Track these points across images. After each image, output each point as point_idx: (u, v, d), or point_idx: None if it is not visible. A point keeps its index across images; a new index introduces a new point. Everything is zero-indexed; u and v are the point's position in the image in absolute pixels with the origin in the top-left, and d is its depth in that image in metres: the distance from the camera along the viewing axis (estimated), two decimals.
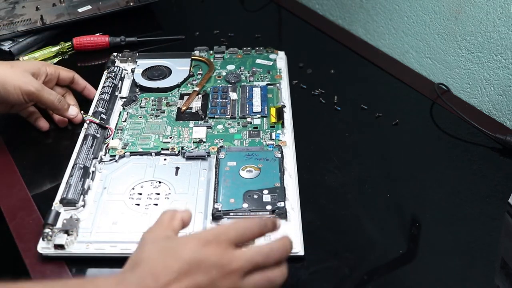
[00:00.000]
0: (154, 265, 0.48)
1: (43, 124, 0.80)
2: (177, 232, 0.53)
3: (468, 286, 0.60)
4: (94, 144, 0.73)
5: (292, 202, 0.66)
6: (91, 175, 0.69)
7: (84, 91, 0.85)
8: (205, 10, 1.14)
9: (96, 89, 0.84)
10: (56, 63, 0.95)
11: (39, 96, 0.75)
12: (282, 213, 0.64)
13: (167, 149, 0.73)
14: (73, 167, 0.69)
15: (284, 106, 0.80)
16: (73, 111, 0.80)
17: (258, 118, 0.79)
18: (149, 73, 0.88)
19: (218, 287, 0.48)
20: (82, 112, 0.79)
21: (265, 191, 0.66)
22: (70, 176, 0.68)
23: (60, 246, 0.61)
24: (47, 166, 0.76)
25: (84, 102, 0.83)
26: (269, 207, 0.64)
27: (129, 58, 0.91)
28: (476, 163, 0.75)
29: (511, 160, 0.75)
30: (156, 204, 0.66)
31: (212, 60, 0.91)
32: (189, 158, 0.72)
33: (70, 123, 0.81)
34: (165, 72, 0.88)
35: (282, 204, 0.65)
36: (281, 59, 0.91)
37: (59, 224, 0.63)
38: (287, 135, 0.76)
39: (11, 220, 0.67)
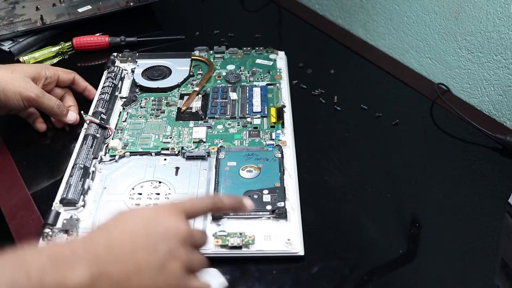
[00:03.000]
0: (108, 227, 0.49)
1: (41, 125, 0.80)
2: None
3: (468, 286, 0.60)
4: (94, 144, 0.73)
5: (292, 202, 0.66)
6: (91, 175, 0.69)
7: (84, 92, 0.85)
8: (205, 10, 1.14)
9: (96, 89, 0.85)
10: (56, 63, 0.95)
11: (38, 102, 0.76)
12: (282, 213, 0.64)
13: (167, 149, 0.73)
14: (73, 167, 0.69)
15: (284, 106, 0.80)
16: (72, 116, 0.80)
17: (258, 118, 0.79)
18: (149, 73, 0.88)
19: (173, 248, 0.48)
20: (82, 112, 0.79)
21: (265, 191, 0.66)
22: (70, 176, 0.68)
23: None
24: (47, 166, 0.76)
25: (84, 102, 0.83)
26: (269, 207, 0.64)
27: (129, 58, 0.91)
28: (476, 163, 0.75)
29: (511, 160, 0.75)
30: (156, 204, 0.66)
31: (212, 60, 0.91)
32: (189, 158, 0.72)
33: (68, 124, 0.81)
34: (165, 72, 0.88)
35: (282, 204, 0.65)
36: (281, 59, 0.91)
37: (59, 224, 0.63)
38: (287, 135, 0.76)
39: (11, 220, 0.67)
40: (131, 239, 0.48)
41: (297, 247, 0.61)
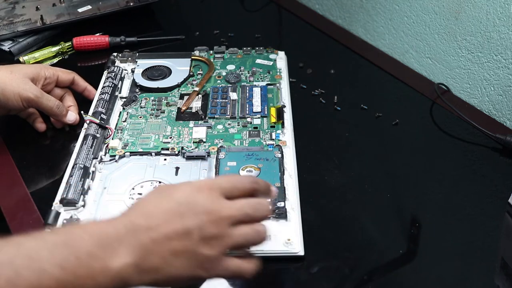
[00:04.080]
0: (146, 205, 0.51)
1: (41, 125, 0.80)
2: None
3: (468, 286, 0.60)
4: (94, 144, 0.73)
5: (292, 202, 0.66)
6: (91, 175, 0.69)
7: (84, 92, 0.85)
8: (205, 10, 1.14)
9: (96, 89, 0.84)
10: (56, 63, 0.95)
11: (38, 102, 0.76)
12: (282, 213, 0.64)
13: (167, 149, 0.73)
14: (73, 167, 0.69)
15: (284, 106, 0.80)
16: (71, 116, 0.80)
17: (258, 118, 0.79)
18: (149, 73, 0.88)
19: (205, 233, 0.50)
20: (82, 112, 0.79)
21: None
22: (70, 176, 0.68)
23: None
24: (47, 166, 0.76)
25: (84, 102, 0.83)
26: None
27: (129, 58, 0.91)
28: (476, 163, 0.75)
29: (511, 160, 0.75)
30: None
31: (212, 60, 0.91)
32: (189, 158, 0.72)
33: (68, 124, 0.81)
34: (165, 72, 0.88)
35: (282, 204, 0.64)
36: (281, 59, 0.91)
37: (59, 224, 0.63)
38: (287, 135, 0.76)
39: (11, 220, 0.67)
40: (168, 224, 0.50)
41: (297, 247, 0.60)
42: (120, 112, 0.81)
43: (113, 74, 0.86)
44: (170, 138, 0.76)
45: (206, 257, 0.50)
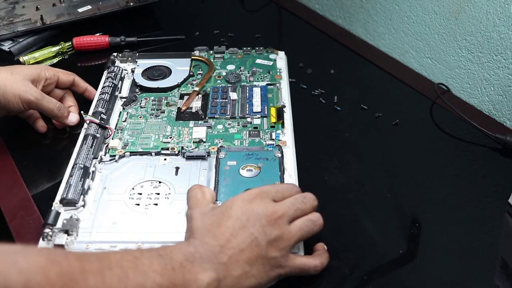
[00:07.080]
0: (209, 229, 0.55)
1: (42, 126, 0.80)
2: (213, 203, 0.61)
3: (468, 286, 0.60)
4: (94, 144, 0.73)
5: None
6: (91, 175, 0.69)
7: (85, 93, 0.85)
8: (205, 10, 1.14)
9: (96, 89, 0.84)
10: (56, 63, 0.95)
11: (38, 104, 0.76)
12: None
13: (167, 149, 0.73)
14: (73, 167, 0.69)
15: (284, 106, 0.80)
16: (74, 118, 0.80)
17: (258, 118, 0.79)
18: (149, 73, 0.88)
19: (270, 236, 0.55)
20: (82, 112, 0.79)
21: None
22: (70, 176, 0.68)
23: (60, 246, 0.61)
24: (47, 166, 0.76)
25: (84, 102, 0.83)
26: None
27: (129, 58, 0.91)
28: (476, 163, 0.75)
29: (511, 160, 0.75)
30: (156, 204, 0.66)
31: (212, 60, 0.91)
32: (189, 158, 0.72)
33: (69, 125, 0.81)
34: (165, 72, 0.88)
35: None
36: (281, 59, 0.91)
37: (59, 224, 0.63)
38: (287, 135, 0.76)
39: (11, 220, 0.67)
40: (236, 238, 0.54)
41: (297, 247, 0.60)
42: (120, 112, 0.81)
43: (113, 74, 0.86)
44: (170, 138, 0.76)
45: (276, 258, 0.55)
